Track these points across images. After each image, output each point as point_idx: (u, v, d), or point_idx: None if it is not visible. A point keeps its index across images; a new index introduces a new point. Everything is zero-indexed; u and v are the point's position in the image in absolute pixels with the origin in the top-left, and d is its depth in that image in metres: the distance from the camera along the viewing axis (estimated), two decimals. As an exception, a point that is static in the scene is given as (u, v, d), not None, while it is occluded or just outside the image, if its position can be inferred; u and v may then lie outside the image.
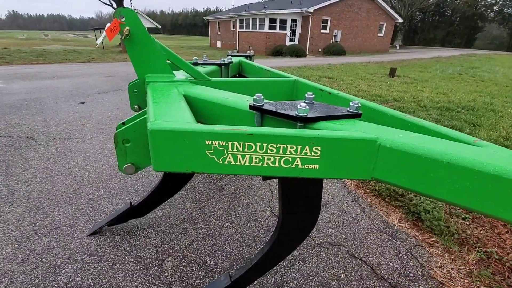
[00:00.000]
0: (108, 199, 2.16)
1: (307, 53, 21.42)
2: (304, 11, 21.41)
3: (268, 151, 0.86)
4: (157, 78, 1.49)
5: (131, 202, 1.78)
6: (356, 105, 1.06)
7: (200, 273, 1.54)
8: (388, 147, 0.85)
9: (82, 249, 1.65)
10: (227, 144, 0.85)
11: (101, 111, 4.44)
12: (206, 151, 0.86)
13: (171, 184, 1.70)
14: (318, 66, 12.20)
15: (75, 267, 1.53)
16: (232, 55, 3.23)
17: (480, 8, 50.48)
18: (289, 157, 0.87)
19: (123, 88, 6.26)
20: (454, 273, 1.61)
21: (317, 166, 0.88)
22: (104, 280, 1.46)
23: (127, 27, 1.35)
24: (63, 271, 1.50)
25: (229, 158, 0.87)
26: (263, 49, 21.66)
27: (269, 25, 21.44)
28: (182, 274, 1.53)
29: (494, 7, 50.72)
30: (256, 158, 0.87)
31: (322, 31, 23.37)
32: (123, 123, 1.24)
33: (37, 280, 1.42)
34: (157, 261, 1.60)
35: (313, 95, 1.17)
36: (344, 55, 21.67)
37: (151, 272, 1.53)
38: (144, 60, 1.48)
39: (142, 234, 1.81)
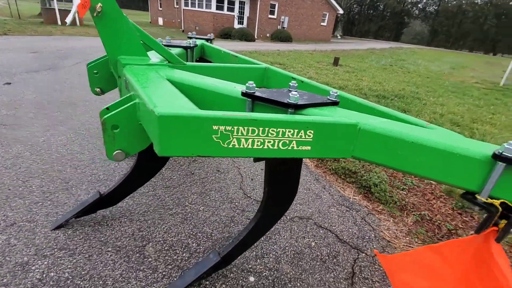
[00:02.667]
0: (67, 190, 1.99)
1: (255, 37, 21.43)
2: (252, -7, 21.20)
3: (269, 134, 0.95)
4: (133, 61, 1.42)
5: (99, 191, 1.69)
6: (335, 94, 1.21)
7: (184, 254, 1.59)
8: (367, 130, 1.01)
9: (49, 244, 1.53)
10: (232, 129, 0.91)
11: (35, 93, 3.88)
12: (213, 136, 0.91)
13: (144, 171, 1.67)
14: (268, 51, 12.40)
15: (46, 262, 1.43)
16: (192, 37, 3.14)
17: (407, 5, 56.74)
18: (287, 140, 0.97)
19: (58, 66, 5.51)
20: (398, 233, 1.97)
21: (309, 147, 1.00)
22: (83, 272, 1.40)
23: (99, 4, 1.25)
24: (33, 268, 1.38)
25: (234, 142, 0.93)
26: (210, 31, 20.90)
27: (216, 5, 20.69)
28: (166, 257, 1.55)
29: (419, 5, 57.48)
30: (258, 141, 0.95)
31: (269, 16, 23.55)
32: (108, 108, 1.17)
33: (5, 280, 1.29)
34: (137, 248, 1.59)
35: (296, 84, 1.28)
36: (290, 42, 22.31)
37: (133, 259, 1.52)
38: (117, 40, 1.39)
39: (115, 223, 1.75)
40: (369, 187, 2.41)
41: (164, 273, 1.46)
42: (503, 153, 0.85)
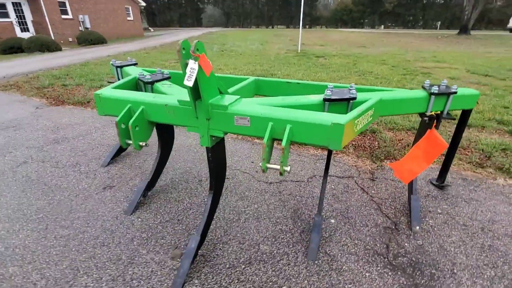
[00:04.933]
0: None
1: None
2: (29, -8, 16.91)
3: (363, 118, 1.66)
4: (225, 101, 1.59)
5: None
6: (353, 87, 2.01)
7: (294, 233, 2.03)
8: (383, 100, 1.91)
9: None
10: (359, 120, 1.56)
11: None
12: (354, 127, 1.52)
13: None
14: (104, 61, 10.95)
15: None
16: (119, 66, 2.91)
17: (194, -8, 62.09)
18: (369, 118, 1.72)
19: None
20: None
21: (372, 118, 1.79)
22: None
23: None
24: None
25: (357, 127, 1.58)
26: (-20, 46, 15.25)
27: (-22, 11, 15.16)
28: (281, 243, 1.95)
29: (206, -10, 63.99)
30: (361, 122, 1.64)
31: (63, 16, 19.88)
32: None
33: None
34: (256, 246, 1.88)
35: (332, 85, 1.97)
36: (106, 43, 19.95)
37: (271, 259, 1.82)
38: (211, 86, 1.53)
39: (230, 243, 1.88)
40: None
41: (293, 250, 1.89)
42: (432, 91, 1.97)
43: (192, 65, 1.37)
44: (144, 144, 1.76)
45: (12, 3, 17.08)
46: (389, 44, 18.54)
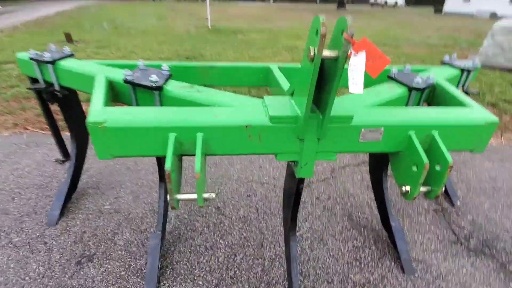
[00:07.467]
0: None
1: None
2: None
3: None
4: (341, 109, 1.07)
5: None
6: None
7: (367, 251, 1.74)
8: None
9: None
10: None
11: None
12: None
13: None
14: None
15: None
16: (51, 60, 1.81)
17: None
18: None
19: None
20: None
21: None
22: None
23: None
24: None
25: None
26: None
27: None
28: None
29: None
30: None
31: None
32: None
33: None
34: (357, 286, 1.52)
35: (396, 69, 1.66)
36: None
37: None
38: None
39: None
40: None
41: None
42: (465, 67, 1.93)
43: (354, 59, 0.79)
44: (212, 196, 1.05)
45: None
46: (289, 18, 19.42)
